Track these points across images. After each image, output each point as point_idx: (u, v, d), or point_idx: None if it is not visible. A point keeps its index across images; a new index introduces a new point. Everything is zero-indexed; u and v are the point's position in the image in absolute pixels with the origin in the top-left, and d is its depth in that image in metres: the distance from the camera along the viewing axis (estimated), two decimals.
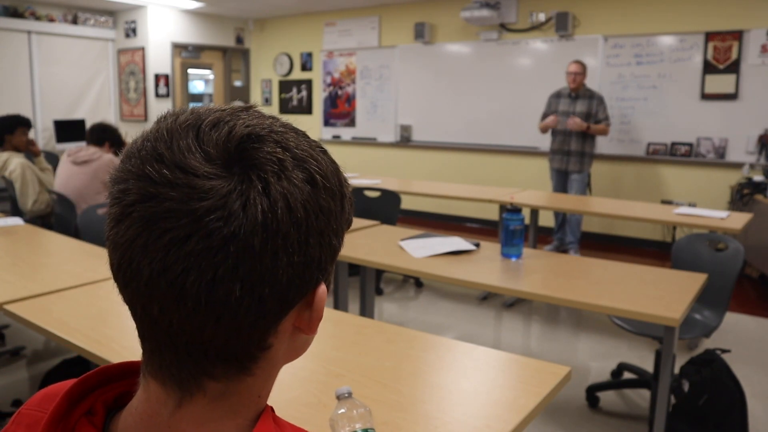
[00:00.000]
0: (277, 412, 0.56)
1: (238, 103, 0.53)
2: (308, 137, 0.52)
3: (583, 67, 5.28)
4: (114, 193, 0.47)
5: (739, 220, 3.65)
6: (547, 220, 6.05)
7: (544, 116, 5.50)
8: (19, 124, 4.15)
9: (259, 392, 0.52)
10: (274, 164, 0.46)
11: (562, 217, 5.66)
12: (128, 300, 0.48)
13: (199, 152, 0.45)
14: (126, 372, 0.56)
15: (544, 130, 5.51)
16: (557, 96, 5.43)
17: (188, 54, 8.19)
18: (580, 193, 5.39)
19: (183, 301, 0.45)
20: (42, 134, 7.22)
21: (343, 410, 1.14)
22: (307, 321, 0.51)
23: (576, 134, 5.30)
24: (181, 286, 0.44)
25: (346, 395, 1.16)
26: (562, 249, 5.64)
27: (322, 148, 0.52)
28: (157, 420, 0.49)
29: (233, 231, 0.43)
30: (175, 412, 0.49)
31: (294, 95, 8.52)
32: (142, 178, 0.45)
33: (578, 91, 5.29)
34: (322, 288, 0.50)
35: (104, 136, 4.04)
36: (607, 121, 5.28)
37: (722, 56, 5.48)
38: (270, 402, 0.55)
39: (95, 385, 0.55)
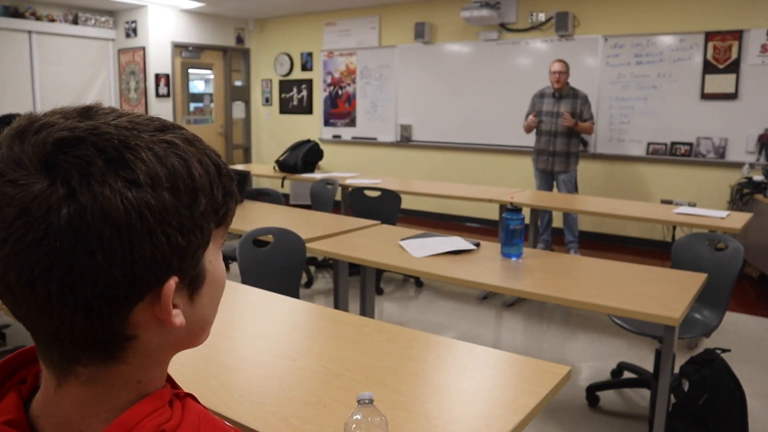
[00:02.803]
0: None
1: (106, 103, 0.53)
2: (165, 131, 0.52)
3: (566, 66, 5.24)
4: None
5: (738, 219, 3.65)
6: None
7: (528, 116, 5.42)
8: None
9: (139, 378, 0.54)
10: (82, 168, 0.46)
11: (548, 219, 5.53)
12: None
13: (15, 159, 0.47)
14: None
15: (528, 130, 5.45)
16: (541, 96, 5.37)
17: (188, 54, 8.20)
18: (569, 194, 5.33)
19: (15, 297, 0.48)
20: None
21: (359, 416, 1.13)
22: (160, 315, 0.51)
23: (561, 135, 5.23)
24: (8, 284, 0.47)
25: (367, 401, 1.14)
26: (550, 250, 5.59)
27: (182, 141, 0.52)
28: (48, 395, 0.53)
29: (39, 236, 0.45)
30: (57, 391, 0.52)
31: (294, 95, 8.53)
32: None
33: (562, 90, 5.23)
34: (169, 284, 0.50)
35: None
36: (592, 119, 5.25)
37: (722, 56, 5.48)
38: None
39: (35, 359, 0.58)
